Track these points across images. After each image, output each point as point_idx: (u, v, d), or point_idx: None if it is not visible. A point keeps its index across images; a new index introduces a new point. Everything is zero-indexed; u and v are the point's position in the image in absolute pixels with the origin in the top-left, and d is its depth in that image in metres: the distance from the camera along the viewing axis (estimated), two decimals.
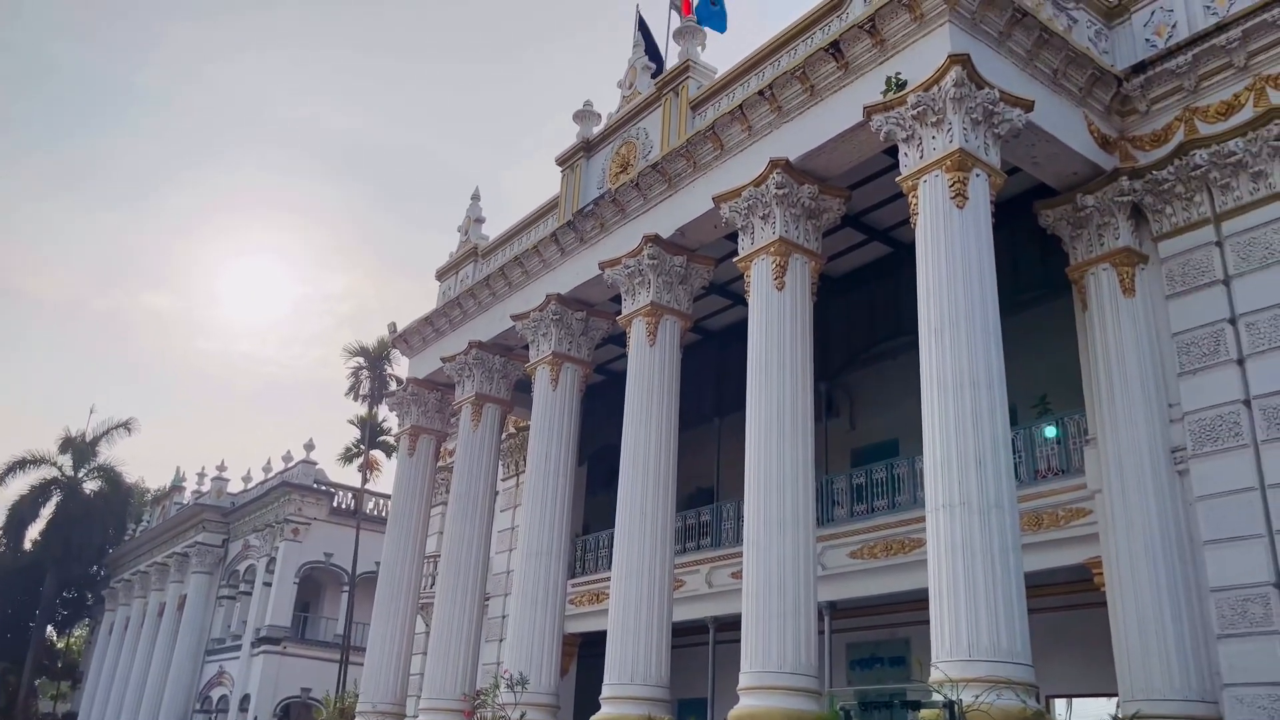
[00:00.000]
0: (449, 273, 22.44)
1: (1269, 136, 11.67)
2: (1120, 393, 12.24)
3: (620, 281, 16.07)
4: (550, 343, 17.61)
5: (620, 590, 14.35)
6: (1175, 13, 13.11)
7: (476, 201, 22.61)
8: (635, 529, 14.49)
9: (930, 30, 11.81)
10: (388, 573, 20.80)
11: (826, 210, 13.81)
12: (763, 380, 12.96)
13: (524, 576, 16.64)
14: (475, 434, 19.55)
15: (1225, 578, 11.05)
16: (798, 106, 13.49)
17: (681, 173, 15.34)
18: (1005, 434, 10.53)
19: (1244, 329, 11.54)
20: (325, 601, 39.46)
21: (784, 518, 12.19)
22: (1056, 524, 13.05)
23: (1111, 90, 13.00)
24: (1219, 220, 12.06)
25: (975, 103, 11.33)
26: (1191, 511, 11.59)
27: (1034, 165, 12.83)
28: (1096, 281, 12.84)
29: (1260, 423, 11.15)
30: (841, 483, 16.50)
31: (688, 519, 18.91)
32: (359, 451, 35.64)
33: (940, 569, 10.01)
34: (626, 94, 17.95)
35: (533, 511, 16.93)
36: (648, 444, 14.88)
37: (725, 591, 16.69)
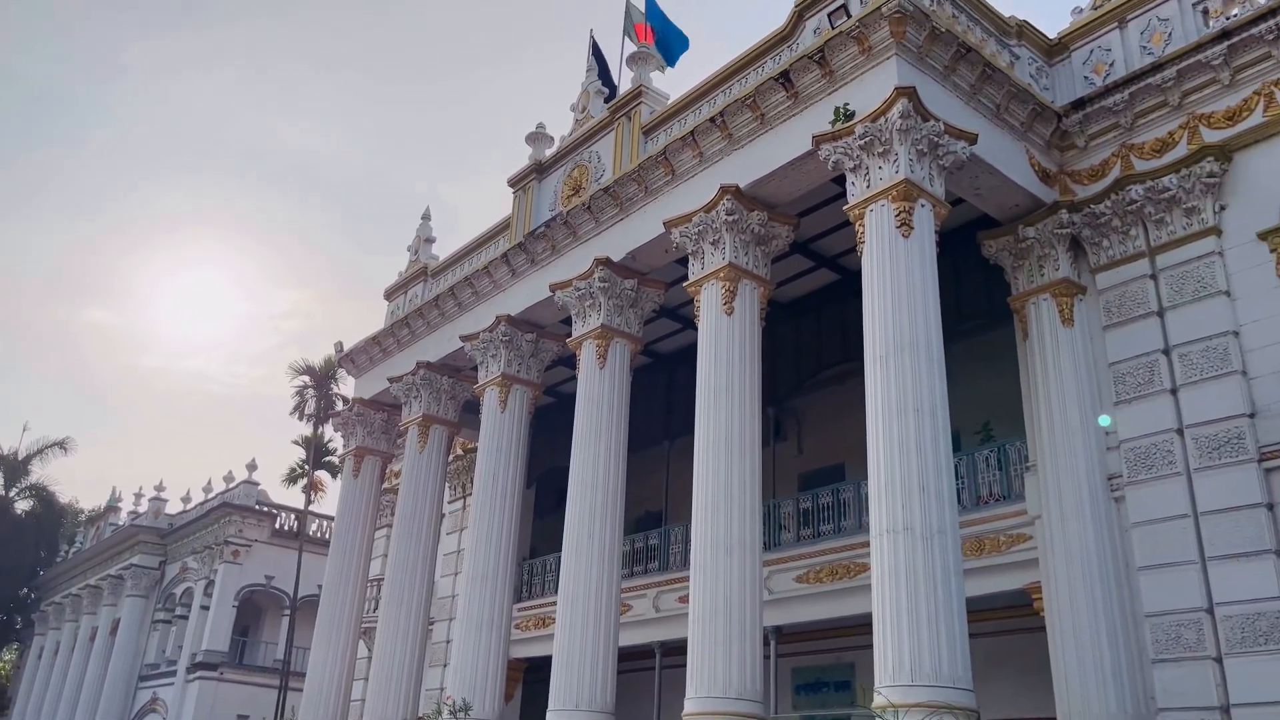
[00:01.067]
0: (398, 292, 22.24)
1: (1201, 174, 12.06)
2: (1059, 420, 12.49)
3: (571, 304, 16.07)
4: (500, 364, 17.52)
5: (566, 614, 14.24)
6: (1113, 52, 13.53)
7: (427, 221, 22.49)
8: (582, 552, 14.41)
9: (878, 63, 12.04)
10: (330, 596, 20.42)
11: (776, 237, 13.96)
12: (711, 404, 13.01)
13: (469, 600, 16.45)
14: (422, 455, 19.33)
15: (1159, 603, 11.29)
16: (748, 134, 13.65)
17: (633, 197, 15.42)
18: (948, 460, 10.68)
19: (1177, 360, 11.86)
20: (265, 625, 38.56)
21: (731, 541, 12.22)
22: (998, 549, 13.24)
23: (1052, 125, 13.36)
24: (1154, 254, 12.42)
25: (921, 134, 11.56)
26: (1127, 538, 11.84)
27: (977, 196, 13.11)
28: (1037, 311, 13.12)
29: (1193, 451, 11.45)
30: (789, 507, 16.58)
31: (636, 543, 18.85)
32: (303, 472, 35.05)
33: (884, 594, 10.09)
34: (579, 117, 18.02)
35: (479, 534, 16.76)
36: (596, 467, 14.84)
37: (672, 616, 16.65)
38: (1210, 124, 12.29)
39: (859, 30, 12.00)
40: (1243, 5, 12.45)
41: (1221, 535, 10.98)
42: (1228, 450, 11.15)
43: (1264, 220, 11.60)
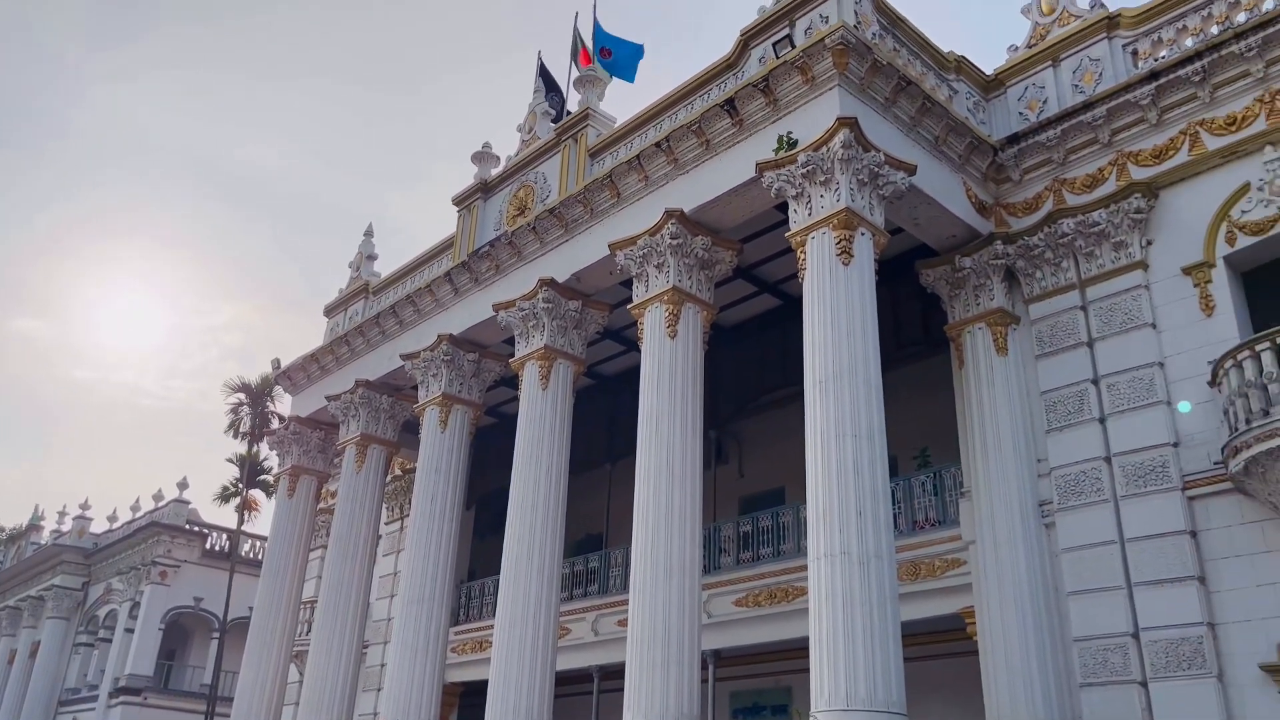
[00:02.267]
0: (338, 309, 21.94)
1: (1129, 209, 12.45)
2: (993, 447, 12.73)
3: (514, 324, 15.99)
4: (440, 383, 17.35)
5: (504, 638, 14.07)
6: (1046, 89, 13.94)
7: (369, 238, 22.26)
8: (521, 575, 14.27)
9: (821, 93, 12.24)
10: (261, 618, 19.94)
11: (719, 261, 14.07)
12: (654, 426, 13.02)
13: (404, 624, 16.17)
14: (359, 475, 19.03)
15: (1087, 628, 11.53)
16: (693, 159, 13.76)
17: (579, 218, 15.43)
18: (885, 485, 10.80)
19: (1105, 389, 12.19)
20: (193, 649, 37.44)
21: (671, 565, 12.20)
22: (933, 574, 13.42)
23: (988, 159, 13.69)
24: (1084, 286, 12.77)
25: (862, 164, 11.77)
26: (1058, 563, 12.08)
27: (916, 226, 13.37)
28: (972, 340, 13.39)
29: (1120, 479, 11.75)
30: (729, 530, 16.63)
31: (576, 565, 18.75)
32: (236, 491, 34.20)
33: (820, 618, 10.15)
34: (526, 138, 18.02)
35: (416, 556, 16.51)
36: (537, 488, 14.73)
37: (611, 639, 16.56)
38: (1138, 161, 12.71)
39: (803, 60, 12.20)
40: (1170, 48, 12.93)
41: (1147, 561, 11.26)
42: (1153, 478, 11.46)
43: (1188, 256, 12.00)
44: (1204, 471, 11.16)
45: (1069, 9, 14.19)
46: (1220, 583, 10.82)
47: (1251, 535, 10.73)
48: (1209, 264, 11.83)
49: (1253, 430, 10.20)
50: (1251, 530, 10.74)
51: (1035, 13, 14.60)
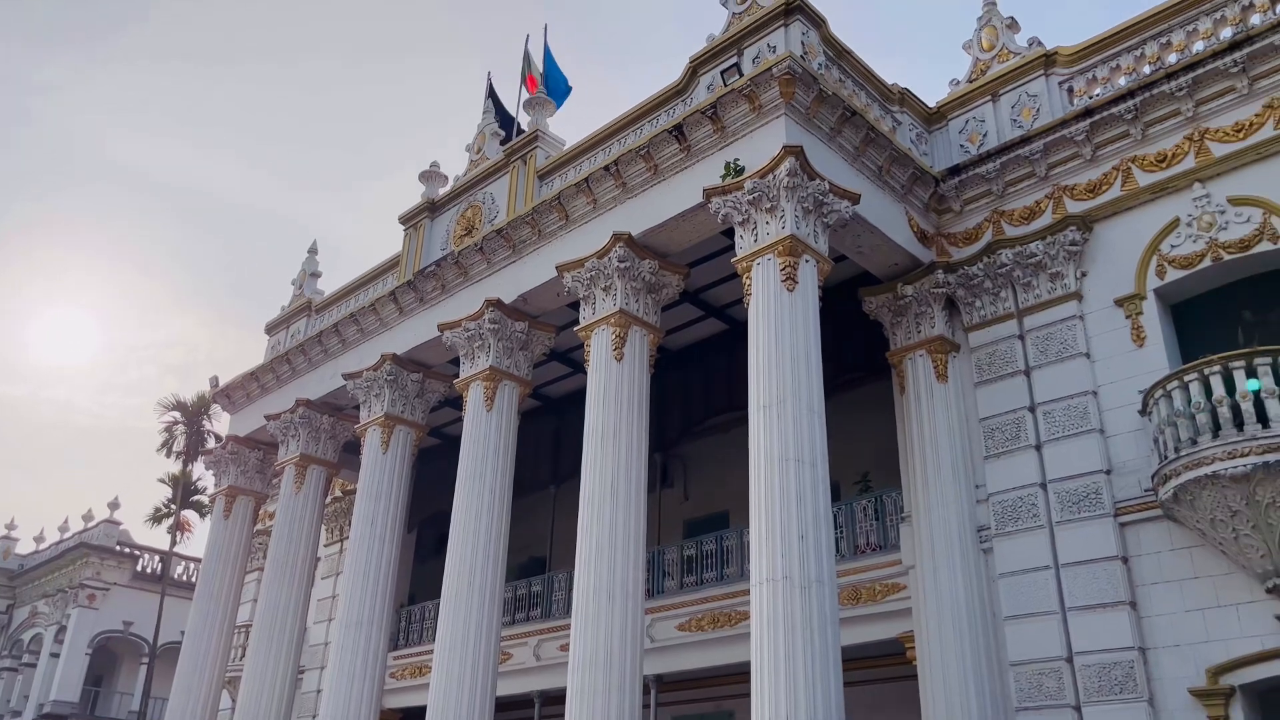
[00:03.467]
0: (279, 327, 21.59)
1: (1065, 241, 12.78)
2: (933, 473, 12.91)
3: (459, 344, 15.87)
4: (383, 404, 17.14)
5: (444, 663, 13.85)
6: (986, 123, 14.28)
7: (313, 255, 21.97)
8: (462, 599, 14.08)
9: (768, 121, 12.40)
10: (193, 643, 19.41)
11: (666, 285, 14.13)
12: (598, 449, 12.98)
13: (341, 648, 15.85)
14: (298, 496, 18.67)
15: (1023, 652, 11.70)
16: (642, 184, 13.83)
17: (526, 240, 15.40)
18: (827, 510, 10.88)
19: (1042, 417, 12.44)
20: (121, 675, 36.29)
21: (614, 589, 12.14)
22: (874, 598, 13.53)
23: (930, 189, 13.97)
24: (1021, 315, 13.06)
25: (807, 192, 11.93)
26: (995, 588, 12.25)
27: (859, 254, 13.57)
28: (913, 366, 13.59)
29: (1055, 505, 11.98)
30: (673, 554, 16.62)
31: (518, 589, 18.58)
32: (169, 512, 33.39)
33: (762, 643, 10.16)
34: (475, 158, 17.97)
35: (355, 579, 16.21)
36: (479, 511, 14.58)
37: (553, 664, 16.41)
38: (1073, 195, 13.06)
39: (750, 89, 12.36)
40: (1104, 86, 13.33)
41: (1080, 586, 11.48)
42: (1086, 505, 11.71)
43: (1121, 288, 12.34)
44: (1135, 498, 11.43)
45: (1008, 46, 14.58)
46: (1151, 608, 11.06)
47: (1180, 561, 11.00)
48: (1140, 296, 12.17)
49: (1181, 459, 10.47)
50: (1180, 556, 11.01)
51: (976, 48, 14.98)
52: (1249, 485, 10.01)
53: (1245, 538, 10.20)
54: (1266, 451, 9.92)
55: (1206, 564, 10.79)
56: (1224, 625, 10.52)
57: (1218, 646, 10.49)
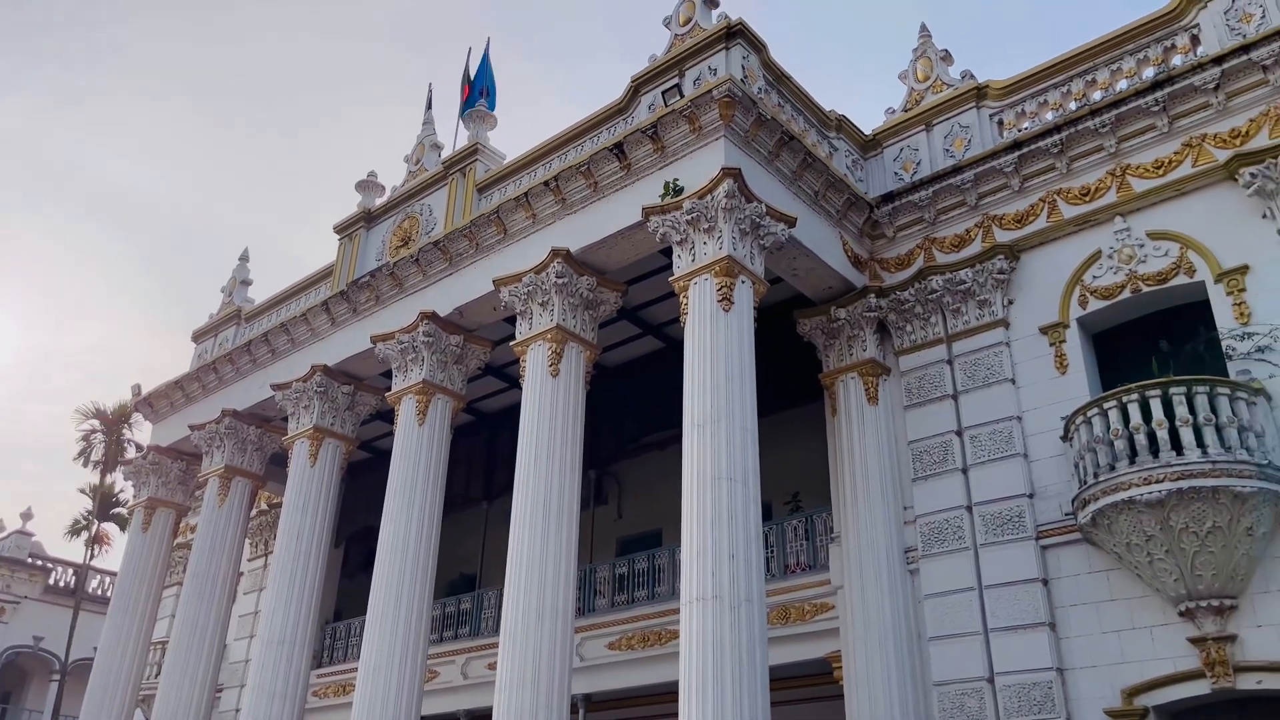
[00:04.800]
0: (207, 335, 21.08)
1: (993, 270, 13.09)
2: (862, 494, 13.07)
3: (392, 357, 15.66)
4: (312, 416, 16.81)
5: (368, 681, 13.57)
6: (920, 152, 14.60)
7: (245, 263, 21.53)
8: (389, 616, 13.83)
9: (707, 143, 12.51)
10: (106, 659, 18.75)
11: (604, 302, 14.13)
12: (532, 466, 12.89)
13: (262, 666, 15.43)
14: (221, 509, 18.19)
15: (946, 672, 11.88)
16: (581, 200, 13.83)
17: (463, 252, 15.28)
18: (758, 529, 10.93)
19: (968, 441, 12.70)
20: (30, 693, 34.86)
21: (544, 608, 12.03)
22: (803, 618, 13.63)
23: (864, 215, 14.22)
24: (950, 341, 13.33)
25: (744, 214, 12.05)
26: (920, 609, 12.42)
27: (794, 277, 13.74)
28: (845, 389, 13.78)
29: (979, 527, 12.22)
30: (605, 572, 16.55)
31: (447, 606, 18.34)
32: (87, 524, 32.28)
33: (691, 662, 10.14)
34: (413, 169, 17.81)
35: (278, 595, 15.82)
36: (409, 526, 14.35)
37: (481, 683, 16.21)
38: (1002, 225, 13.41)
39: (690, 110, 12.46)
40: (1032, 120, 13.74)
41: (1003, 608, 11.71)
42: (1010, 527, 11.96)
43: (1045, 316, 12.68)
44: (1056, 522, 11.71)
45: (942, 78, 14.95)
46: (1069, 629, 11.32)
47: (1098, 584, 11.29)
48: (1064, 324, 12.52)
49: (1100, 484, 10.76)
50: (1098, 579, 11.30)
51: (911, 79, 15.33)
52: (1164, 511, 10.32)
53: (1159, 562, 10.51)
54: (1180, 478, 10.25)
55: (1123, 587, 11.09)
56: (1138, 647, 10.81)
57: (1132, 668, 10.78)
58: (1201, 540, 10.21)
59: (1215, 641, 10.29)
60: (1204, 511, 10.17)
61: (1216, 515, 10.14)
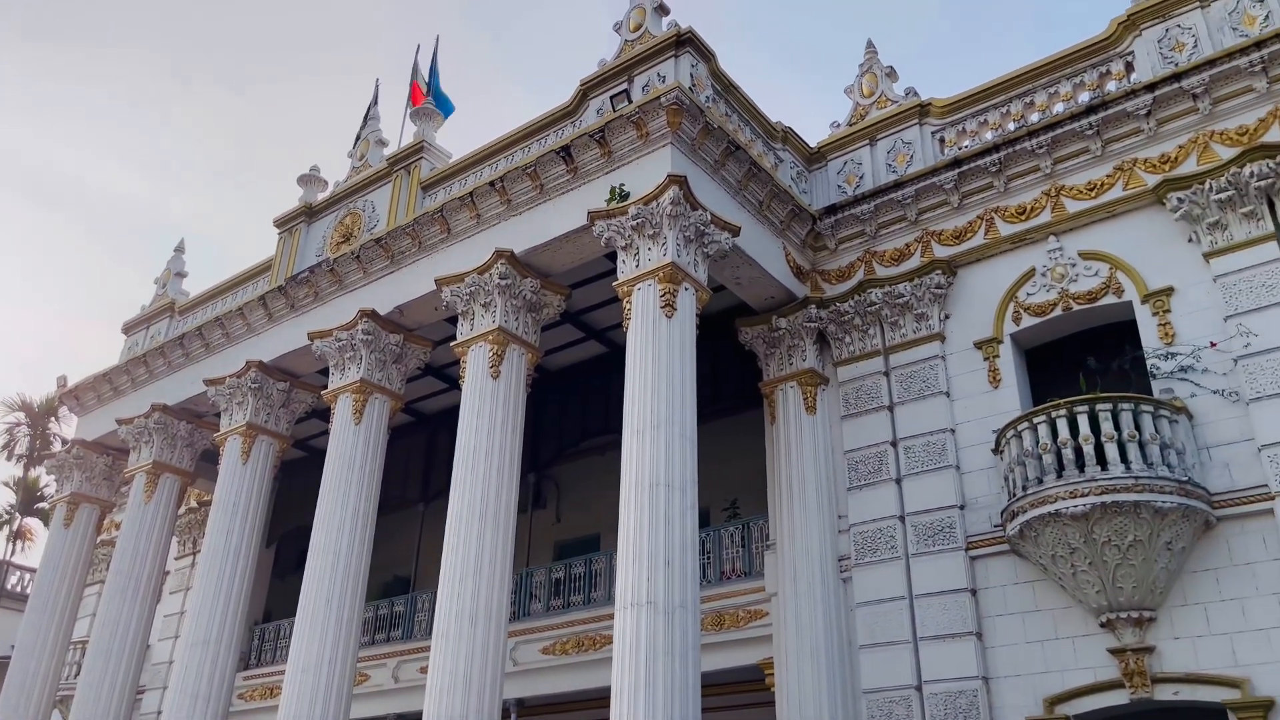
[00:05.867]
0: (139, 327, 20.54)
1: (931, 284, 13.33)
2: (799, 502, 13.19)
3: (330, 354, 15.42)
4: (246, 412, 16.48)
5: (295, 684, 13.33)
6: (863, 165, 14.81)
7: (180, 254, 21.04)
8: (319, 618, 13.60)
9: (654, 149, 12.55)
10: (22, 659, 18.15)
11: (547, 305, 14.08)
12: (470, 468, 12.78)
13: (186, 668, 15.07)
14: (148, 506, 17.74)
15: (876, 680, 12.03)
16: (527, 202, 13.78)
17: (406, 251, 15.12)
18: (694, 535, 10.96)
19: (902, 452, 12.90)
20: None
21: (477, 611, 11.92)
22: (737, 625, 13.69)
23: (807, 226, 14.38)
24: (888, 353, 13.54)
25: (689, 222, 12.11)
26: (852, 617, 12.57)
27: (737, 286, 13.83)
28: (784, 397, 13.91)
29: (911, 537, 12.41)
30: (541, 576, 16.48)
31: (380, 609, 18.10)
32: (10, 518, 31.26)
33: (624, 667, 10.13)
34: (357, 165, 17.58)
35: (205, 595, 15.46)
36: (342, 528, 14.13)
37: (413, 687, 16.01)
38: (940, 240, 13.65)
39: (638, 116, 12.49)
40: (972, 139, 14.02)
41: (932, 617, 11.90)
42: (940, 538, 12.17)
43: (980, 331, 12.94)
44: (985, 533, 11.95)
45: (887, 94, 15.19)
46: (995, 639, 11.55)
47: (1024, 594, 11.53)
48: (998, 340, 12.79)
49: (1028, 496, 11.01)
50: (1024, 590, 11.54)
51: (856, 94, 15.55)
52: (1088, 524, 10.58)
53: (1083, 573, 10.77)
54: (1104, 492, 10.52)
55: (1047, 598, 11.35)
56: (1061, 657, 11.07)
57: (1054, 677, 11.03)
58: (1123, 553, 10.49)
59: (1134, 652, 10.58)
60: (1126, 525, 10.45)
61: (1138, 529, 10.43)
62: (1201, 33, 12.34)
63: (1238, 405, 10.84)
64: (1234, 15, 12.18)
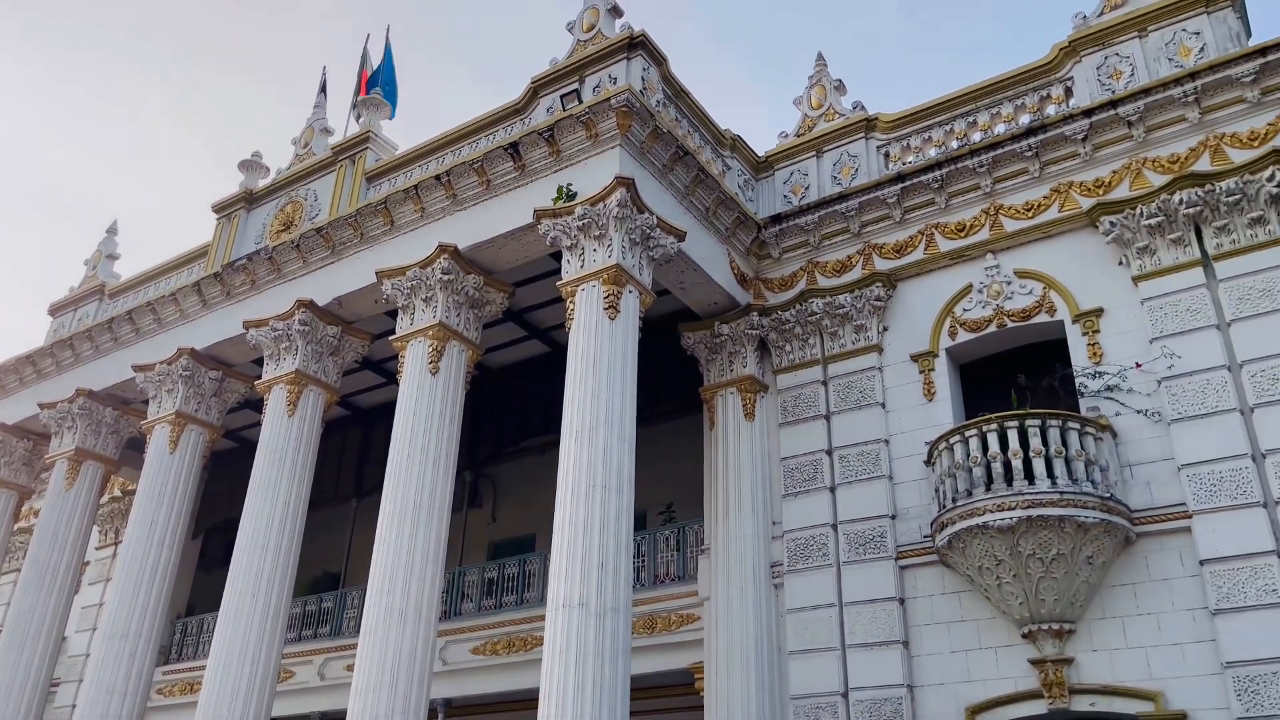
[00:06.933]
0: (66, 309, 19.93)
1: (871, 296, 13.51)
2: (734, 508, 13.27)
3: (265, 344, 15.12)
4: (175, 400, 16.08)
5: (216, 679, 13.02)
6: (809, 177, 14.97)
7: (112, 235, 20.47)
8: (244, 612, 13.31)
9: (602, 151, 12.53)
10: None
11: (490, 302, 13.98)
12: (404, 464, 12.62)
13: (103, 661, 14.65)
14: (69, 493, 17.21)
15: (803, 686, 12.14)
16: (473, 197, 13.66)
17: (347, 242, 14.89)
18: (629, 538, 10.95)
19: (837, 461, 13.05)
20: None
21: (407, 610, 11.78)
22: (669, 628, 13.73)
23: (752, 234, 14.48)
24: (826, 362, 13.69)
25: (635, 224, 12.12)
26: (783, 623, 12.67)
27: (681, 290, 13.87)
28: (724, 403, 13.99)
29: (843, 545, 12.56)
30: (473, 575, 16.35)
31: (308, 605, 17.81)
32: None
33: (553, 669, 10.09)
34: (300, 153, 17.27)
35: (125, 586, 15.04)
36: (271, 520, 13.85)
37: (339, 685, 15.78)
38: (882, 254, 13.85)
39: (588, 116, 12.46)
40: (916, 155, 14.25)
41: (861, 625, 12.05)
42: (871, 547, 12.34)
43: (917, 344, 13.15)
44: (915, 543, 12.13)
45: (835, 107, 15.37)
46: (921, 647, 11.74)
47: (950, 604, 11.74)
48: (934, 353, 13.01)
49: (957, 508, 11.21)
50: (950, 600, 11.75)
51: (805, 105, 15.71)
52: (1014, 537, 10.81)
53: (1007, 585, 11.00)
54: (1030, 506, 10.76)
55: (973, 608, 11.56)
56: (983, 666, 11.29)
57: (977, 686, 11.24)
58: (1046, 566, 10.73)
59: (1054, 663, 10.83)
60: (1050, 539, 10.70)
61: (1061, 543, 10.68)
62: (1139, 61, 12.71)
63: (1160, 425, 11.17)
64: (1170, 46, 12.57)
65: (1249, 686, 9.71)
